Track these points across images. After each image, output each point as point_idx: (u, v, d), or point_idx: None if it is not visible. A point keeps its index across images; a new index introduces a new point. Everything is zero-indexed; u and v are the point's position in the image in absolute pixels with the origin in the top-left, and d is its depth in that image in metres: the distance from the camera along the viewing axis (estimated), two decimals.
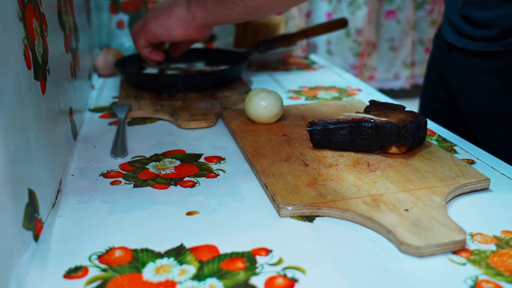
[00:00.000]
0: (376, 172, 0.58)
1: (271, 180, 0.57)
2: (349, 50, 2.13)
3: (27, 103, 0.48)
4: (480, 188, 0.57)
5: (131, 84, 0.99)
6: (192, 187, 0.58)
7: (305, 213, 0.52)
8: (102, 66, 1.11)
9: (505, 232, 0.49)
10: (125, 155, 0.68)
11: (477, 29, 0.87)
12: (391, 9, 2.14)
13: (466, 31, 0.90)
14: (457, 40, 0.93)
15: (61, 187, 0.59)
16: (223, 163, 0.65)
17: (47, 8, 0.62)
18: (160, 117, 0.83)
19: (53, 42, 0.63)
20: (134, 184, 0.59)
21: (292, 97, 0.95)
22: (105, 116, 0.85)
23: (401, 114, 0.64)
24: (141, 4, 1.28)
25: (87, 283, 0.42)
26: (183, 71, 1.05)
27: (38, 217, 0.48)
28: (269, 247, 0.46)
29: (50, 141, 0.56)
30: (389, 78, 2.26)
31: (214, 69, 1.05)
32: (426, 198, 0.52)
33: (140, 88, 0.96)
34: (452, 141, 0.72)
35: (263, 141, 0.69)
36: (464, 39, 0.91)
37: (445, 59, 0.98)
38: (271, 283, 0.42)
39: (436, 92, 1.03)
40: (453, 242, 0.45)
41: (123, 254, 0.45)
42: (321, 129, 0.64)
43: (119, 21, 1.28)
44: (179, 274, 0.43)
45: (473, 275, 0.43)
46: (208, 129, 0.78)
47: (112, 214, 0.53)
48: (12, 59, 0.45)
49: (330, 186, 0.55)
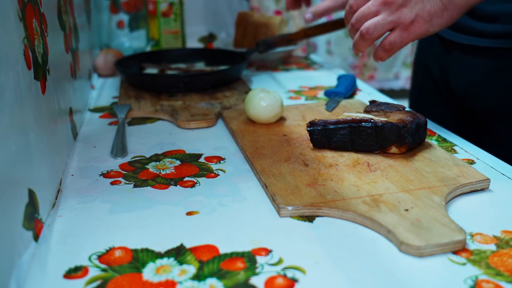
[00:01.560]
0: (376, 172, 0.58)
1: (271, 180, 0.57)
2: (349, 50, 2.13)
3: (27, 103, 0.48)
4: (480, 188, 0.57)
5: (131, 84, 0.99)
6: (192, 187, 0.58)
7: (305, 213, 0.52)
8: (102, 66, 1.11)
9: (505, 232, 0.49)
10: (125, 155, 0.68)
11: (487, 24, 0.82)
12: None
13: (473, 27, 0.84)
14: (461, 38, 0.87)
15: (61, 187, 0.59)
16: (223, 163, 0.65)
17: (47, 8, 0.62)
18: (160, 117, 0.83)
19: (53, 42, 0.63)
20: (134, 184, 0.59)
21: (292, 97, 0.95)
22: (105, 116, 0.85)
23: (401, 114, 0.64)
24: (141, 4, 1.28)
25: (87, 283, 0.42)
26: (183, 71, 1.05)
27: (38, 217, 0.48)
28: (269, 247, 0.46)
29: (50, 141, 0.56)
30: (389, 78, 2.26)
31: (214, 69, 1.05)
32: (426, 198, 0.52)
33: (140, 88, 0.96)
34: (452, 141, 0.72)
35: (263, 141, 0.69)
36: (470, 36, 0.85)
37: (443, 59, 0.94)
38: (271, 283, 0.42)
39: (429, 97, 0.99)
40: (453, 242, 0.45)
41: (123, 254, 0.45)
42: (321, 129, 0.64)
43: (119, 21, 1.28)
44: (179, 274, 0.43)
45: (473, 275, 0.43)
46: (208, 129, 0.78)
47: (112, 214, 0.53)
48: (12, 59, 0.45)
49: (330, 186, 0.55)
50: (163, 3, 1.21)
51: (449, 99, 0.96)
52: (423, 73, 1.02)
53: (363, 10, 0.69)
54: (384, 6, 0.67)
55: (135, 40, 1.30)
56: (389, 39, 0.68)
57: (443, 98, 0.97)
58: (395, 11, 0.67)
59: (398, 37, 0.68)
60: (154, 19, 1.23)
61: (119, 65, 0.99)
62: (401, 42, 0.68)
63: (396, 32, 0.67)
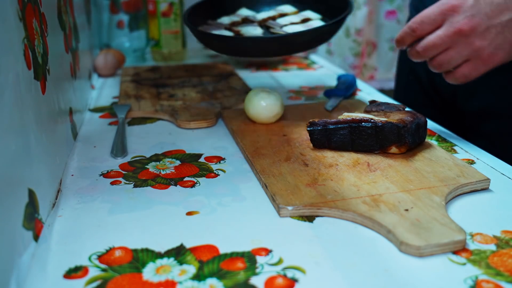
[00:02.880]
0: (376, 172, 0.58)
1: (271, 180, 0.57)
2: (349, 50, 2.13)
3: (27, 103, 0.48)
4: (480, 188, 0.57)
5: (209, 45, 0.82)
6: (192, 187, 0.58)
7: (305, 213, 0.52)
8: (102, 66, 1.11)
9: (505, 232, 0.49)
10: (125, 155, 0.68)
11: None
12: (391, 9, 2.14)
13: None
14: None
15: (61, 187, 0.59)
16: (223, 163, 0.65)
17: (47, 8, 0.62)
18: (160, 117, 0.83)
19: (53, 42, 0.63)
20: (134, 184, 0.59)
21: (292, 97, 0.95)
22: (105, 116, 0.85)
23: (401, 114, 0.64)
24: (141, 4, 1.28)
25: (87, 283, 0.42)
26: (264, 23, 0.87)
27: (38, 217, 0.48)
28: (269, 247, 0.46)
29: (50, 141, 0.56)
30: (389, 78, 2.26)
31: (306, 23, 0.86)
32: (426, 198, 0.52)
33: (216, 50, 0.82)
34: (452, 141, 0.72)
35: (263, 141, 0.69)
36: None
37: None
38: (271, 283, 0.42)
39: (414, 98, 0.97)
40: (453, 242, 0.45)
41: (123, 254, 0.45)
42: (321, 129, 0.64)
43: (119, 21, 1.28)
44: (179, 274, 0.43)
45: (473, 275, 0.43)
46: (208, 129, 0.78)
47: (112, 214, 0.53)
48: (12, 59, 0.45)
49: (330, 186, 0.55)
50: (163, 3, 1.21)
51: (436, 100, 0.95)
52: (408, 74, 1.01)
53: (434, 40, 0.62)
54: (459, 37, 0.61)
55: (135, 40, 1.30)
56: (463, 72, 0.63)
57: (429, 99, 0.96)
58: (471, 44, 0.61)
59: (473, 70, 0.63)
60: (154, 19, 1.23)
61: (189, 21, 0.82)
62: (477, 74, 0.64)
63: (471, 64, 0.62)
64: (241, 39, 0.80)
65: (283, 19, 0.89)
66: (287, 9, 0.91)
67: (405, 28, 0.66)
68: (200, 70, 1.12)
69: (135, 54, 1.31)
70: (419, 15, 0.64)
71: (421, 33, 0.64)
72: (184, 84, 1.00)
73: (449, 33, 0.61)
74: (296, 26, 0.85)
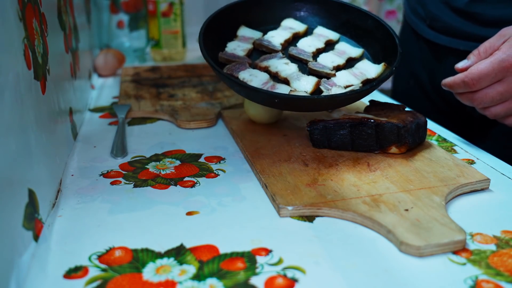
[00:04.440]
0: (376, 172, 0.58)
1: (271, 180, 0.57)
2: None
3: (27, 103, 0.48)
4: (480, 188, 0.57)
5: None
6: (192, 187, 0.58)
7: (305, 213, 0.52)
8: (102, 66, 1.11)
9: (505, 232, 0.49)
10: (125, 155, 0.67)
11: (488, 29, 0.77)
12: (391, 9, 2.14)
13: (472, 32, 0.82)
14: (455, 43, 0.85)
15: (61, 187, 0.58)
16: (223, 163, 0.65)
17: (47, 8, 0.62)
18: (160, 117, 0.83)
19: (53, 42, 0.63)
20: (134, 184, 0.59)
21: None
22: (105, 116, 0.85)
23: (401, 114, 0.64)
24: (141, 4, 1.28)
25: (87, 283, 0.42)
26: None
27: (38, 217, 0.48)
28: (269, 247, 0.46)
29: (50, 141, 0.56)
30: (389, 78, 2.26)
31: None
32: (426, 198, 0.52)
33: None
34: (452, 141, 0.72)
35: (263, 141, 0.69)
36: (467, 41, 0.83)
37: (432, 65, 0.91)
38: (271, 283, 0.42)
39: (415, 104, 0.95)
40: (453, 242, 0.45)
41: (123, 254, 0.45)
42: (321, 129, 0.64)
43: (119, 21, 1.28)
44: (179, 274, 0.43)
45: (473, 275, 0.43)
46: (208, 129, 0.78)
47: (112, 214, 0.53)
48: (12, 59, 0.45)
49: (330, 186, 0.55)
50: (163, 3, 1.21)
51: (440, 105, 0.94)
52: (408, 79, 0.99)
53: (493, 96, 0.64)
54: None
55: (135, 40, 1.30)
56: (497, 112, 0.66)
57: (432, 104, 0.95)
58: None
59: (509, 110, 0.65)
60: (154, 19, 1.23)
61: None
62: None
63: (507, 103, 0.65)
64: (313, 100, 0.63)
65: (306, 45, 0.75)
66: (293, 25, 0.78)
67: (459, 81, 0.65)
68: (200, 70, 1.12)
69: (135, 54, 1.31)
70: (476, 71, 0.64)
71: (476, 89, 0.65)
72: (184, 84, 1.00)
73: (506, 92, 0.64)
74: (343, 73, 0.70)
